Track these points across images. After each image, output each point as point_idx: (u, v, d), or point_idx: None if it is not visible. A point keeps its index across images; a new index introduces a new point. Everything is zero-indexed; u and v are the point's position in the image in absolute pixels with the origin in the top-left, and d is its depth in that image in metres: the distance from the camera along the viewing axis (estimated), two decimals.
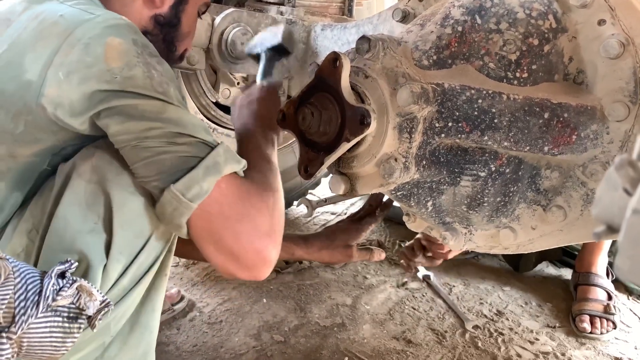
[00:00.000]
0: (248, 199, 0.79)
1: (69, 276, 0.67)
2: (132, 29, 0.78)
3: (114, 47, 0.74)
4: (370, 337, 1.42)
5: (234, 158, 0.79)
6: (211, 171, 0.75)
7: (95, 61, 0.73)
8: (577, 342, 1.48)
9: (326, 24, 1.31)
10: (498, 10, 0.83)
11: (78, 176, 0.77)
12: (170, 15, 0.94)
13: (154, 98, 0.74)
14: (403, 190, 0.89)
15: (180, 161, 0.74)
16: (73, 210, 0.76)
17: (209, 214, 0.76)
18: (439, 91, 0.80)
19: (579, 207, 0.86)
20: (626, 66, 0.79)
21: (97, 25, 0.76)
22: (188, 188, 0.74)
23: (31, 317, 0.63)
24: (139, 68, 0.74)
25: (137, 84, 0.74)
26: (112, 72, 0.73)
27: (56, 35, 0.75)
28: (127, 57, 0.74)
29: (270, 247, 0.80)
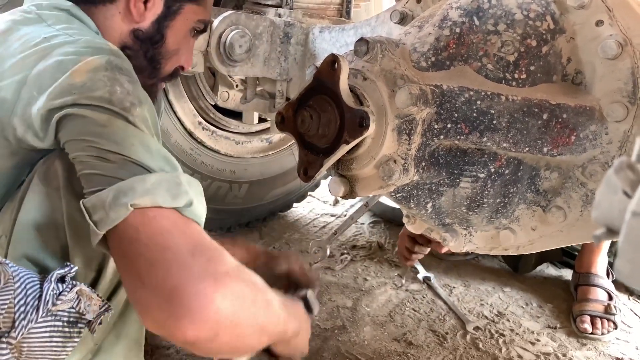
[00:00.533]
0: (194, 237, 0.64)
1: (68, 280, 0.67)
2: (113, 52, 0.76)
3: (84, 64, 0.71)
4: (371, 339, 1.42)
5: (168, 191, 0.65)
6: (120, 198, 0.63)
7: (62, 77, 0.71)
8: (578, 343, 1.48)
9: (324, 26, 1.31)
10: (496, 11, 0.83)
11: (38, 180, 0.75)
12: (152, 31, 0.90)
13: (105, 110, 0.69)
14: (402, 192, 0.89)
15: (100, 179, 0.66)
16: (33, 216, 0.74)
17: (122, 246, 0.64)
18: (438, 93, 0.80)
19: (579, 208, 0.86)
20: (624, 67, 0.79)
21: (76, 46, 0.74)
22: (94, 209, 0.64)
23: (31, 322, 0.63)
24: (101, 82, 0.70)
25: (92, 96, 0.69)
26: (72, 86, 0.70)
27: (35, 55, 0.74)
28: (92, 73, 0.71)
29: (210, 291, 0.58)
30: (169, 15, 0.91)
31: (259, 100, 1.44)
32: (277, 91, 1.38)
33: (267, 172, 1.94)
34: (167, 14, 0.91)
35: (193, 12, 0.94)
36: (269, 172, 1.94)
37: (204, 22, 0.98)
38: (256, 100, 1.45)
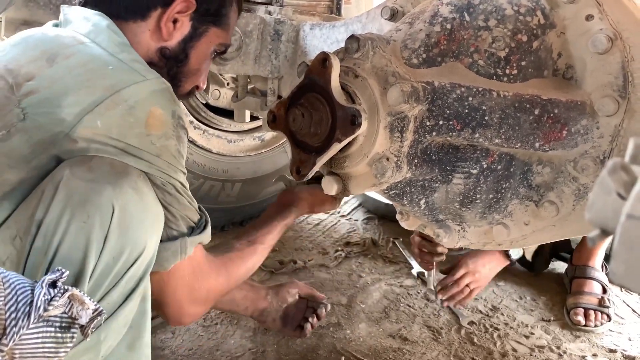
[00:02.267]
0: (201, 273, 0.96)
1: (60, 285, 0.66)
2: (173, 99, 0.84)
3: (155, 117, 0.79)
4: (367, 336, 1.42)
5: (207, 233, 0.93)
6: (180, 250, 0.88)
7: (136, 123, 0.78)
8: (572, 335, 1.49)
9: (315, 23, 1.30)
10: (486, 7, 0.83)
11: (72, 175, 0.75)
12: (178, 50, 0.93)
13: (179, 171, 0.85)
14: (396, 189, 0.89)
15: (191, 221, 0.89)
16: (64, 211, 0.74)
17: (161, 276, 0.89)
18: (429, 89, 0.80)
19: (571, 202, 0.86)
20: (614, 61, 0.79)
21: (144, 89, 0.79)
22: (192, 244, 0.88)
23: (22, 328, 0.62)
24: (173, 141, 0.82)
25: (169, 155, 0.82)
26: (150, 138, 0.79)
27: (102, 88, 0.77)
28: (165, 128, 0.81)
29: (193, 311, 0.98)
30: (195, 37, 0.94)
31: (250, 98, 1.44)
32: (269, 89, 1.37)
33: (260, 170, 1.93)
34: (194, 35, 0.94)
35: (217, 35, 0.97)
36: (262, 170, 1.94)
37: (224, 45, 1.00)
38: (248, 99, 1.44)
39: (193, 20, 0.93)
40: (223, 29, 0.98)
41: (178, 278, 0.90)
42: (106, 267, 0.76)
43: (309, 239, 1.94)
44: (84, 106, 0.76)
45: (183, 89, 0.99)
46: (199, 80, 1.00)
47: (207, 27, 0.95)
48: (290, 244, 1.88)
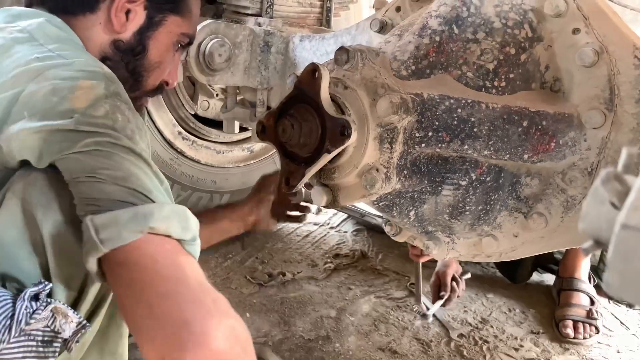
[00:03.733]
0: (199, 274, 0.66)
1: (43, 298, 0.65)
2: (108, 77, 0.75)
3: (82, 89, 0.70)
4: (356, 349, 1.41)
5: (180, 223, 0.67)
6: (139, 219, 0.64)
7: (60, 101, 0.69)
8: (561, 348, 1.49)
9: (304, 35, 1.31)
10: (475, 20, 0.84)
11: (12, 194, 0.71)
12: (134, 42, 0.88)
13: (108, 137, 0.69)
14: (385, 201, 0.89)
15: (111, 203, 0.65)
16: (9, 232, 0.70)
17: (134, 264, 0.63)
18: (418, 101, 0.80)
19: (560, 214, 0.87)
20: (601, 74, 0.80)
21: (70, 68, 0.73)
22: (105, 227, 0.63)
23: (3, 342, 0.60)
24: (103, 109, 0.70)
25: (97, 122, 0.69)
26: (74, 111, 0.69)
27: (26, 75, 0.72)
28: (94, 99, 0.70)
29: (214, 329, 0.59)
30: (151, 26, 0.90)
31: (239, 109, 1.43)
32: (258, 100, 1.37)
33: (249, 181, 1.92)
34: (150, 24, 0.89)
35: (176, 24, 0.92)
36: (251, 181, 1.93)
37: (188, 35, 0.96)
38: (237, 109, 1.44)
39: (148, 9, 0.88)
40: (183, 17, 0.93)
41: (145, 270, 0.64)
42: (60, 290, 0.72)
43: (298, 250, 1.93)
44: (10, 98, 0.71)
45: (147, 84, 0.94)
46: (163, 74, 0.96)
47: (164, 15, 0.90)
48: (279, 256, 1.87)
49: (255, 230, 1.33)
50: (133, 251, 0.64)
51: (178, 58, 1.00)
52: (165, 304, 0.60)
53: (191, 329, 0.58)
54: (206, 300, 0.62)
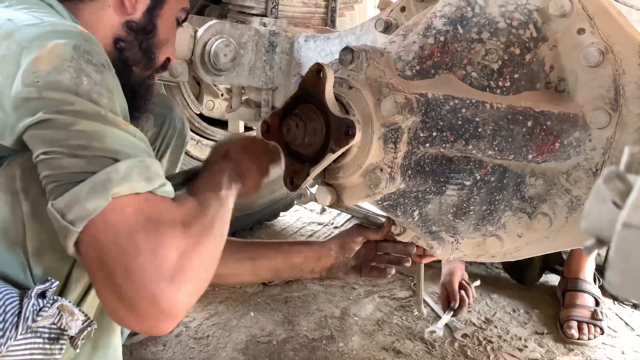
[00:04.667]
0: (157, 229, 0.64)
1: (49, 296, 0.66)
2: (82, 36, 0.71)
3: (48, 50, 0.67)
4: (360, 349, 1.41)
5: (141, 175, 0.65)
6: (98, 189, 0.62)
7: (27, 64, 0.66)
8: (566, 349, 1.49)
9: (309, 35, 1.31)
10: (479, 20, 0.84)
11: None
12: (144, 22, 0.91)
13: (70, 105, 0.66)
14: (389, 201, 0.89)
15: (71, 176, 0.63)
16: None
17: (99, 240, 0.62)
18: (423, 101, 0.80)
19: (564, 214, 0.87)
20: (606, 74, 0.80)
21: (41, 29, 0.70)
22: (68, 207, 0.62)
23: (10, 340, 0.61)
24: (67, 73, 0.66)
25: (60, 88, 0.66)
26: (36, 75, 0.65)
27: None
28: (57, 61, 0.66)
29: (173, 295, 0.61)
30: (158, 5, 0.92)
31: (244, 109, 1.44)
32: (263, 100, 1.38)
33: None
34: (156, 3, 0.92)
35: (177, 0, 0.96)
36: None
37: (185, 10, 0.99)
38: (242, 109, 1.44)
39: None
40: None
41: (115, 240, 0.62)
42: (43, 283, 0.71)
43: None
44: None
45: (158, 61, 0.97)
46: (169, 50, 0.99)
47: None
48: None
49: (328, 277, 1.17)
50: (98, 224, 0.62)
51: (175, 33, 1.03)
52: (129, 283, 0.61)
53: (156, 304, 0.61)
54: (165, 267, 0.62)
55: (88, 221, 0.62)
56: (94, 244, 0.63)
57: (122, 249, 0.62)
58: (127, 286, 0.61)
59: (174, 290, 0.62)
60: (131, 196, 0.64)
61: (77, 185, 0.62)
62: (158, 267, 0.62)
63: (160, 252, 0.62)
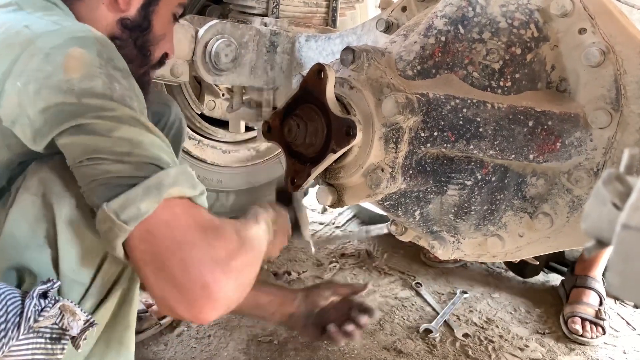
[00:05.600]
0: (209, 227, 0.71)
1: (51, 296, 0.66)
2: (100, 41, 0.74)
3: (75, 58, 0.69)
4: (361, 349, 1.41)
5: (188, 181, 0.71)
6: (152, 191, 0.67)
7: (54, 71, 0.69)
8: (567, 348, 1.48)
9: (310, 35, 1.31)
10: (480, 20, 0.84)
11: (25, 190, 0.73)
12: (139, 18, 0.90)
13: (109, 111, 0.70)
14: (390, 200, 0.89)
15: (121, 180, 0.68)
16: (20, 225, 0.72)
17: (154, 236, 0.67)
18: (424, 101, 0.80)
19: (565, 214, 0.87)
20: (607, 74, 0.80)
21: (61, 35, 0.72)
22: (123, 208, 0.66)
23: (12, 340, 0.61)
24: (100, 79, 0.70)
25: (96, 94, 0.69)
26: (70, 83, 0.68)
27: (18, 45, 0.71)
28: (88, 68, 0.70)
29: (222, 283, 0.68)
30: (152, 1, 0.91)
31: (245, 109, 1.44)
32: (264, 100, 1.38)
33: (254, 181, 1.93)
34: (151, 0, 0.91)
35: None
36: (256, 181, 1.93)
37: (182, 5, 0.98)
38: (243, 109, 1.44)
39: None
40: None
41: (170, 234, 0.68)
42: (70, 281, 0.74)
43: (304, 250, 1.93)
44: (2, 70, 0.70)
45: (154, 58, 0.96)
46: (166, 46, 0.97)
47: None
48: (285, 255, 1.87)
49: (289, 326, 1.17)
50: (152, 222, 0.67)
51: (173, 28, 1.02)
52: (189, 270, 0.67)
53: (208, 290, 0.67)
54: (216, 256, 0.69)
55: (141, 220, 0.67)
56: (148, 238, 0.68)
57: (177, 241, 0.67)
58: (182, 275, 0.67)
59: (224, 279, 0.68)
60: (178, 199, 0.70)
61: (131, 189, 0.67)
62: (211, 259, 0.68)
63: (214, 245, 0.69)
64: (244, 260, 0.73)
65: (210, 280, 0.67)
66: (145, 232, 0.67)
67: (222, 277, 0.68)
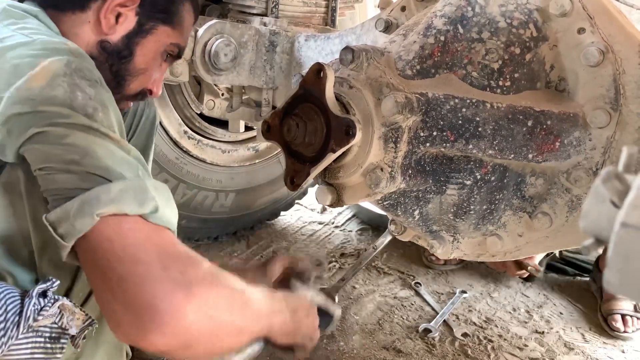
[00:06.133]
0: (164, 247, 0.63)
1: (50, 295, 0.66)
2: (72, 52, 0.72)
3: (42, 67, 0.68)
4: (360, 348, 1.41)
5: (134, 198, 0.64)
6: (85, 208, 0.62)
7: (20, 82, 0.67)
8: (566, 348, 1.49)
9: (310, 35, 1.31)
10: (480, 19, 0.84)
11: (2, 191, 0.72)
12: (121, 45, 0.87)
13: (65, 118, 0.67)
14: (390, 200, 0.89)
15: (64, 192, 0.64)
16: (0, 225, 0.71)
17: (94, 252, 0.63)
18: (423, 101, 0.80)
19: (564, 214, 0.87)
20: (606, 73, 0.80)
21: (32, 47, 0.71)
22: (59, 222, 0.63)
23: (11, 339, 0.61)
24: (61, 88, 0.67)
25: (54, 102, 0.66)
26: (31, 92, 0.67)
27: None
28: (51, 77, 0.68)
29: (177, 306, 0.59)
30: (140, 33, 0.89)
31: (245, 108, 1.44)
32: (263, 100, 1.38)
33: (254, 180, 1.93)
34: (139, 31, 0.89)
35: (166, 34, 0.92)
36: (256, 180, 1.94)
37: (178, 46, 0.95)
38: (242, 109, 1.44)
39: (139, 16, 0.88)
40: (174, 29, 0.92)
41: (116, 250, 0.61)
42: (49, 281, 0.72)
43: (303, 250, 1.93)
44: None
45: (129, 89, 0.93)
46: (148, 82, 0.94)
47: (154, 24, 0.89)
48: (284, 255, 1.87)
49: None
50: (92, 238, 0.62)
51: (166, 67, 0.99)
52: (126, 287, 0.60)
53: (154, 310, 0.58)
54: (171, 276, 0.60)
55: (78, 238, 0.63)
56: (88, 252, 0.63)
57: (118, 258, 0.61)
58: (125, 292, 0.60)
59: (181, 302, 0.59)
60: (124, 216, 0.63)
61: (68, 201, 0.63)
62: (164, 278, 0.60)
63: (167, 265, 0.61)
64: (216, 293, 0.64)
65: (158, 301, 0.58)
66: (85, 247, 0.63)
67: (178, 299, 0.59)
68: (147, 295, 0.59)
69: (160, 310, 0.58)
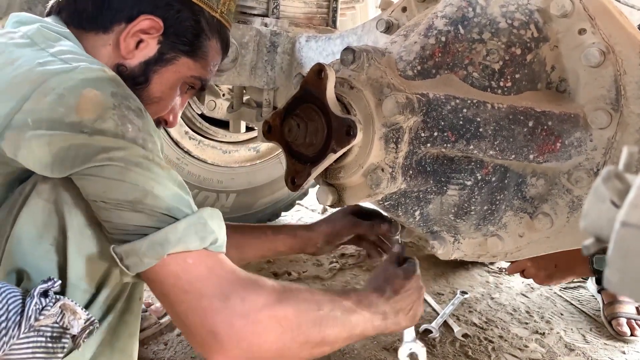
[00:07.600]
0: (226, 278, 0.73)
1: (52, 295, 0.66)
2: (114, 82, 0.74)
3: (88, 99, 0.69)
4: (361, 349, 1.41)
5: (197, 234, 0.72)
6: (155, 248, 0.69)
7: (67, 112, 0.68)
8: (566, 349, 1.49)
9: (310, 35, 1.31)
10: (480, 20, 0.84)
11: (37, 194, 0.72)
12: (138, 71, 0.87)
13: (120, 152, 0.70)
14: (390, 200, 0.89)
15: (132, 228, 0.70)
16: (28, 230, 0.72)
17: (161, 284, 0.72)
18: (424, 101, 0.81)
19: (565, 214, 0.87)
20: (607, 74, 0.80)
21: (75, 76, 0.71)
22: (127, 256, 0.70)
23: (13, 338, 0.61)
24: (112, 121, 0.69)
25: (107, 136, 0.69)
26: (82, 124, 0.68)
27: (29, 82, 0.70)
28: (101, 109, 0.69)
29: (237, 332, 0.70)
30: (160, 62, 0.88)
31: (245, 109, 1.44)
32: (264, 100, 1.38)
33: (255, 181, 1.94)
34: (159, 59, 0.88)
35: (187, 67, 0.90)
36: (257, 181, 1.94)
37: (200, 79, 0.93)
38: (243, 110, 1.44)
39: (161, 44, 0.87)
40: (196, 61, 0.91)
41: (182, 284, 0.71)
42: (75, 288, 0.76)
43: None
44: (12, 105, 0.69)
45: None
46: (162, 111, 0.93)
47: (176, 55, 0.89)
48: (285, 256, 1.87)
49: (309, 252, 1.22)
50: (157, 272, 0.71)
51: (186, 99, 0.97)
52: (193, 320, 0.70)
53: (217, 338, 0.70)
54: (230, 306, 0.70)
55: (144, 270, 0.71)
56: (155, 284, 0.72)
57: (184, 291, 0.71)
58: (189, 322, 0.71)
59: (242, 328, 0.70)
60: (187, 252, 0.71)
61: (137, 240, 0.70)
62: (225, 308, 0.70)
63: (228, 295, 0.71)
64: (278, 312, 0.73)
65: (219, 330, 0.69)
66: (152, 278, 0.72)
67: (237, 327, 0.70)
68: (210, 327, 0.70)
69: (221, 338, 0.70)
